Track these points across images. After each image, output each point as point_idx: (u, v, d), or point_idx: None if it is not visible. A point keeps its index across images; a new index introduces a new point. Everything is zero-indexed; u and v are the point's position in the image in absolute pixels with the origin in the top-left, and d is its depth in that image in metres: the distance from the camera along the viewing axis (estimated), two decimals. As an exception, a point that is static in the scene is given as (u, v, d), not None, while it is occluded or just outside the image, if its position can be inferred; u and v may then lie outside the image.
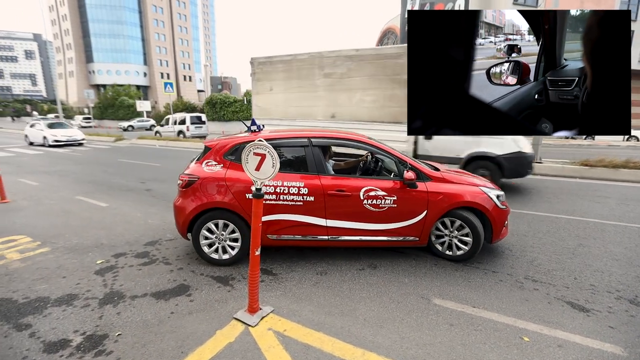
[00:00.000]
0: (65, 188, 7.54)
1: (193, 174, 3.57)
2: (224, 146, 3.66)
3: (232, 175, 3.52)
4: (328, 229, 3.56)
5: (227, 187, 3.47)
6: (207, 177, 3.53)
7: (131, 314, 2.72)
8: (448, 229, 3.72)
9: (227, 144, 3.66)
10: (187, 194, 3.54)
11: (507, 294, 3.06)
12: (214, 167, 3.59)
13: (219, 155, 3.63)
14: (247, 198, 3.43)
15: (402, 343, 2.39)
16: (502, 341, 2.42)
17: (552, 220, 5.21)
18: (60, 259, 3.81)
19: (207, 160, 3.64)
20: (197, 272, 3.46)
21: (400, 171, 3.57)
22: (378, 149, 3.74)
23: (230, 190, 3.47)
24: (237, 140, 3.68)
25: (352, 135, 3.99)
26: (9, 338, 2.44)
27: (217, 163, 3.60)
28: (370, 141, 3.81)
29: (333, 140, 3.87)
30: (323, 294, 3.04)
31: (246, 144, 3.57)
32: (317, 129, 4.64)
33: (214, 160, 3.62)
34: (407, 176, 3.43)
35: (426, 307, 2.85)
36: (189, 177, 3.55)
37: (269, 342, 2.37)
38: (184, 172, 3.64)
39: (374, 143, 3.79)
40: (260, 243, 2.53)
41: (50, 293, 3.06)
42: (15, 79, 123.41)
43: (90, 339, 2.42)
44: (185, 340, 2.39)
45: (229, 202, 3.45)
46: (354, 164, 5.01)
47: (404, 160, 3.64)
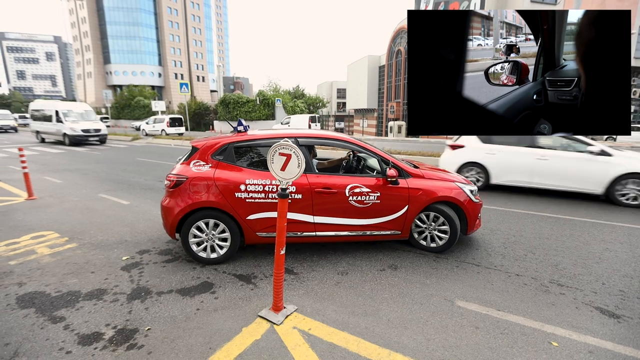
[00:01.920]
0: (88, 186, 7.76)
1: (181, 174, 3.60)
2: (212, 146, 3.71)
3: (221, 174, 3.57)
4: (315, 225, 3.66)
5: (217, 187, 3.52)
6: (195, 177, 3.56)
7: (159, 310, 2.79)
8: (427, 223, 3.95)
9: (215, 144, 3.72)
10: (175, 194, 3.58)
11: (532, 298, 3.01)
12: (202, 167, 3.63)
13: (207, 155, 3.68)
14: (236, 197, 3.51)
15: (428, 345, 2.38)
16: (530, 345, 2.39)
17: (575, 223, 5.08)
18: (88, 254, 3.93)
19: (195, 161, 3.68)
20: (220, 270, 3.52)
21: (383, 169, 3.77)
22: (362, 148, 3.91)
23: (220, 190, 3.52)
24: (225, 140, 3.74)
25: (337, 135, 4.12)
26: (45, 330, 2.53)
27: (205, 163, 3.65)
28: (355, 141, 4.00)
29: (319, 140, 3.95)
30: (345, 294, 3.06)
31: (233, 144, 3.69)
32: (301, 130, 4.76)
33: (202, 161, 3.66)
34: (389, 173, 3.64)
35: (450, 309, 2.82)
36: (177, 177, 3.58)
37: (294, 341, 2.39)
38: (171, 173, 3.69)
39: (359, 142, 3.98)
40: (284, 242, 2.56)
41: (80, 287, 3.17)
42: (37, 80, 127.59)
43: (121, 332, 2.50)
44: (213, 337, 2.44)
45: (218, 201, 3.50)
46: (337, 162, 5.23)
47: (386, 159, 3.83)
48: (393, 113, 37.86)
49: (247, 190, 3.53)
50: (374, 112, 46.83)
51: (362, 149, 3.91)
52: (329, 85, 69.75)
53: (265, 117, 30.58)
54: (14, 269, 3.55)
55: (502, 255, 3.92)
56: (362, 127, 35.01)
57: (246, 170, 3.63)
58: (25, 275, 3.40)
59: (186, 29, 76.88)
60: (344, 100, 62.49)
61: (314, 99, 37.80)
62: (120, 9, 68.67)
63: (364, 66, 46.81)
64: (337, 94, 67.56)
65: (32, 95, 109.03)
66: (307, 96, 38.61)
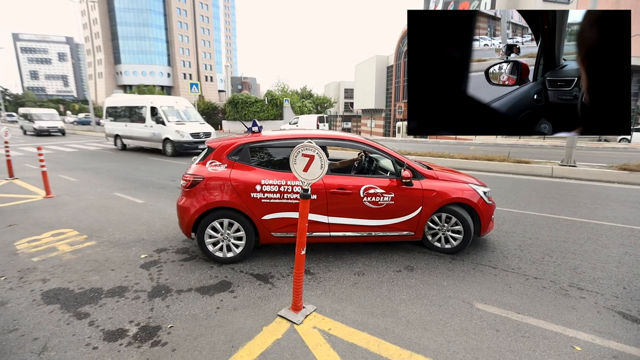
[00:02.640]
0: (102, 184, 7.90)
1: (197, 174, 3.65)
2: (228, 146, 3.75)
3: (236, 175, 3.60)
4: (330, 226, 3.69)
5: (232, 187, 3.55)
6: (211, 177, 3.60)
7: (179, 308, 2.84)
8: (440, 224, 3.93)
9: (231, 145, 3.75)
10: (192, 194, 3.62)
11: (552, 302, 2.98)
12: (218, 167, 3.67)
13: (222, 156, 3.71)
14: (251, 197, 3.55)
15: (449, 346, 2.38)
16: (552, 349, 2.37)
17: (592, 226, 5.01)
18: (107, 252, 4.01)
19: (211, 161, 3.71)
20: (237, 269, 3.56)
21: (397, 170, 3.78)
22: (377, 150, 3.92)
23: (236, 190, 3.55)
24: (241, 140, 3.78)
25: (351, 137, 4.13)
26: (71, 325, 2.59)
27: (221, 163, 3.68)
28: (369, 142, 4.01)
29: (334, 141, 3.97)
30: (363, 295, 3.06)
31: (249, 145, 3.72)
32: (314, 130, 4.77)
33: (217, 161, 3.70)
34: (404, 175, 3.65)
35: (469, 312, 2.81)
36: (194, 177, 3.63)
37: (315, 340, 2.41)
38: (187, 173, 3.73)
39: (372, 143, 3.99)
40: (305, 243, 2.58)
41: (102, 284, 3.23)
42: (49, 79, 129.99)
43: (145, 329, 2.55)
44: (234, 335, 2.47)
45: (234, 201, 3.54)
46: (349, 163, 5.25)
47: (401, 160, 3.84)
48: (401, 113, 37.66)
49: (262, 190, 3.56)
50: (381, 113, 46.67)
51: (377, 150, 3.93)
52: (337, 86, 69.71)
53: (274, 117, 30.69)
54: (37, 266, 3.63)
55: (518, 258, 3.89)
56: (370, 128, 34.90)
57: (261, 170, 3.66)
58: (49, 272, 3.48)
59: (195, 30, 77.61)
60: (351, 100, 62.42)
61: (322, 99, 37.81)
62: (130, 10, 69.66)
63: (372, 66, 46.69)
64: (344, 94, 67.51)
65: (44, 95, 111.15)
66: (314, 96, 38.64)
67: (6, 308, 2.84)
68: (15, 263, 3.70)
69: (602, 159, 12.33)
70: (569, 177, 8.82)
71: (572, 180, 8.59)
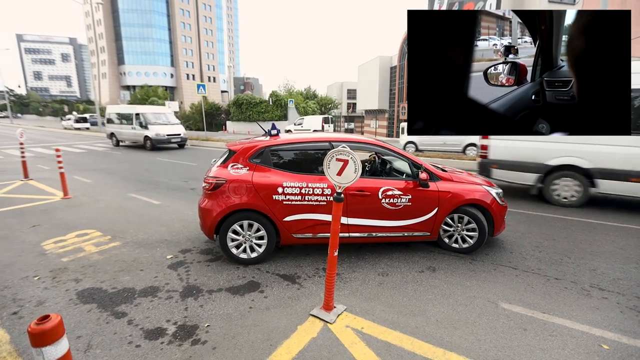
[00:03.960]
0: (116, 185, 8.00)
1: (220, 176, 3.71)
2: (249, 149, 3.82)
3: (258, 177, 3.68)
4: (349, 227, 3.77)
5: (255, 189, 3.63)
6: (234, 179, 3.67)
7: (213, 307, 2.92)
8: (455, 224, 4.05)
9: (253, 147, 3.83)
10: (214, 197, 3.69)
11: (575, 302, 3.05)
12: (240, 169, 3.74)
13: (244, 159, 3.78)
14: (273, 199, 3.63)
15: (480, 345, 2.45)
16: (580, 347, 2.43)
17: (606, 228, 5.06)
18: (133, 253, 4.10)
19: (233, 164, 3.79)
20: (263, 269, 3.64)
21: (413, 172, 3.91)
22: (393, 152, 4.04)
23: (258, 192, 3.63)
24: (262, 143, 3.86)
25: (368, 139, 4.24)
26: (111, 324, 2.68)
27: (243, 166, 3.76)
28: (385, 144, 4.11)
29: (354, 145, 4.05)
30: (390, 294, 3.14)
31: (270, 147, 3.81)
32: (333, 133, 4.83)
33: (240, 164, 3.77)
34: (422, 177, 3.77)
35: (495, 311, 2.88)
36: (216, 180, 3.69)
37: (350, 339, 2.49)
38: (209, 175, 3.80)
39: (389, 146, 4.09)
40: (337, 244, 2.66)
41: (134, 284, 3.32)
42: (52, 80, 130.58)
43: (183, 328, 2.63)
44: (271, 334, 2.55)
45: (256, 203, 3.62)
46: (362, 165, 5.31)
47: (418, 163, 3.94)
48: (404, 114, 37.69)
49: (284, 192, 3.64)
50: (385, 113, 46.68)
51: (393, 153, 4.03)
52: (339, 86, 69.75)
53: (278, 118, 30.79)
54: (68, 266, 3.72)
55: (537, 258, 3.95)
56: (374, 128, 34.96)
57: (283, 173, 3.73)
58: (80, 272, 3.57)
59: (198, 30, 77.87)
60: (354, 101, 62.43)
61: (326, 100, 37.90)
62: (134, 11, 69.97)
63: (375, 67, 46.72)
64: (347, 95, 67.54)
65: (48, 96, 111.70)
66: (319, 97, 38.73)
67: (45, 307, 2.93)
68: (46, 263, 3.79)
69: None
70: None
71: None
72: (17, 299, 3.07)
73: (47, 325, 1.30)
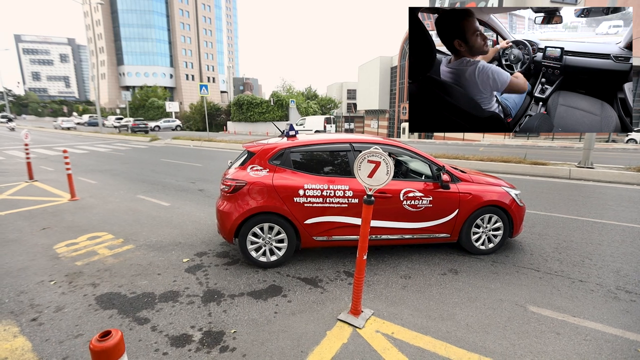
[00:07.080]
0: (123, 187, 7.92)
1: (240, 179, 3.63)
2: (269, 151, 3.75)
3: (279, 179, 3.62)
4: (371, 229, 3.65)
5: (276, 192, 3.57)
6: (254, 182, 3.60)
7: (237, 313, 2.86)
8: (484, 225, 4.02)
9: (272, 149, 3.76)
10: (234, 199, 3.61)
11: (603, 305, 3.00)
12: (260, 172, 3.67)
13: (264, 160, 3.71)
14: (295, 202, 3.57)
15: (515, 350, 2.40)
16: (617, 352, 2.39)
17: (623, 229, 5.02)
18: (148, 256, 4.03)
19: (252, 166, 3.71)
20: (283, 273, 3.58)
21: (434, 174, 3.87)
22: (414, 153, 3.98)
23: (279, 195, 3.57)
24: (282, 145, 3.79)
25: (389, 141, 4.18)
26: (135, 331, 2.62)
27: (262, 168, 3.69)
28: (406, 146, 4.05)
29: (370, 145, 3.96)
30: (415, 298, 3.09)
31: (290, 149, 3.75)
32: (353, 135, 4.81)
33: (259, 165, 3.70)
34: (444, 178, 3.75)
35: (524, 315, 2.83)
36: (236, 182, 3.62)
37: (382, 344, 2.43)
38: (228, 177, 3.72)
39: (411, 148, 4.03)
40: (367, 248, 2.60)
41: (152, 289, 3.25)
42: (51, 81, 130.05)
43: (209, 334, 2.57)
44: (300, 340, 2.49)
45: (278, 205, 3.56)
46: None
47: (440, 165, 3.89)
48: (405, 114, 37.67)
49: (305, 195, 3.58)
50: (385, 113, 46.68)
51: (414, 154, 3.98)
52: (339, 86, 69.72)
53: (279, 118, 30.72)
54: (83, 270, 3.66)
55: (558, 260, 3.90)
56: (375, 128, 34.91)
57: (303, 174, 3.67)
58: (96, 276, 3.51)
59: (197, 31, 77.72)
60: (354, 101, 62.43)
61: (327, 100, 37.86)
62: (133, 11, 69.78)
63: (375, 67, 46.71)
64: (347, 95, 67.51)
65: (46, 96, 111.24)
66: (319, 97, 38.68)
67: (64, 313, 2.87)
68: (60, 267, 3.72)
69: (616, 161, 12.36)
70: (587, 179, 8.83)
71: (591, 182, 8.60)
72: (35, 304, 3.01)
73: (110, 342, 1.24)
